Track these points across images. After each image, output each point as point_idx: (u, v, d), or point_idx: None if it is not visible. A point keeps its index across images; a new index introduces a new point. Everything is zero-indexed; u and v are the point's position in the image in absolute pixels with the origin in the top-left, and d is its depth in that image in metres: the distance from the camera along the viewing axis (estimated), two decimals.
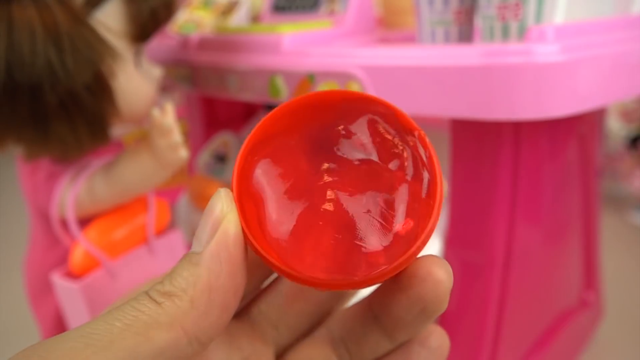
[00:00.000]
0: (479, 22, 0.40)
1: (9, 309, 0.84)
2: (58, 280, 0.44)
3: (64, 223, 0.45)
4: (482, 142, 0.41)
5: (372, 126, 0.16)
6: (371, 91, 0.38)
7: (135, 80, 0.43)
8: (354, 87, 0.39)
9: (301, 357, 0.17)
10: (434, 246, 0.49)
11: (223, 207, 0.15)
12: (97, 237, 0.45)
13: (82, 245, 0.44)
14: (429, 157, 0.16)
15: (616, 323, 0.66)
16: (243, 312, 0.18)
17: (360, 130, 0.16)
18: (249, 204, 0.15)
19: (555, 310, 0.55)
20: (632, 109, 1.06)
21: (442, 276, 0.15)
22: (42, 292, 0.48)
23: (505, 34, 0.37)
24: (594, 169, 0.55)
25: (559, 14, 0.35)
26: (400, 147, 0.16)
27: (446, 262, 0.15)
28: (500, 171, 0.40)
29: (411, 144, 0.16)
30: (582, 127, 0.50)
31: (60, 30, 0.36)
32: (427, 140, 0.16)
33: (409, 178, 0.16)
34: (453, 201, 0.44)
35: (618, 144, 1.09)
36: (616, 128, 1.09)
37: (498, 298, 0.44)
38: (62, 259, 0.46)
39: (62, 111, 0.39)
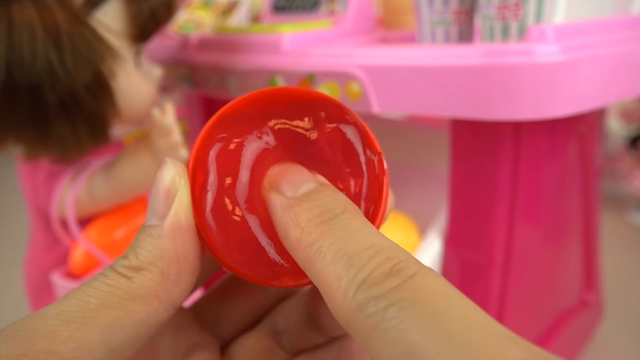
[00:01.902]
0: (479, 22, 0.40)
1: (9, 309, 0.84)
2: (58, 280, 0.44)
3: (64, 223, 0.45)
4: (482, 142, 0.41)
5: (340, 134, 0.16)
6: (371, 91, 0.38)
7: (135, 80, 0.43)
8: (354, 87, 0.39)
9: (245, 346, 0.18)
10: (434, 246, 0.49)
11: (175, 177, 0.15)
12: (97, 237, 0.45)
13: (82, 245, 0.44)
14: (382, 183, 0.16)
15: (616, 323, 0.66)
16: (191, 306, 0.19)
17: (326, 134, 0.16)
18: (196, 179, 0.16)
19: (555, 310, 0.55)
20: (632, 109, 1.06)
21: None
22: (42, 292, 0.48)
23: (505, 34, 0.37)
24: (594, 169, 0.55)
25: (559, 14, 0.35)
26: (362, 164, 0.16)
27: None
28: (500, 171, 0.40)
29: (371, 163, 0.16)
30: (582, 127, 0.50)
31: (60, 30, 0.36)
32: (385, 166, 0.16)
33: (355, 191, 0.16)
34: (453, 201, 0.44)
35: (618, 144, 1.09)
36: (616, 128, 1.09)
37: (498, 298, 0.44)
38: (62, 259, 0.46)
39: (62, 111, 0.39)
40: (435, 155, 0.64)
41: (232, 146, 0.16)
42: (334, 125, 0.16)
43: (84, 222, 0.45)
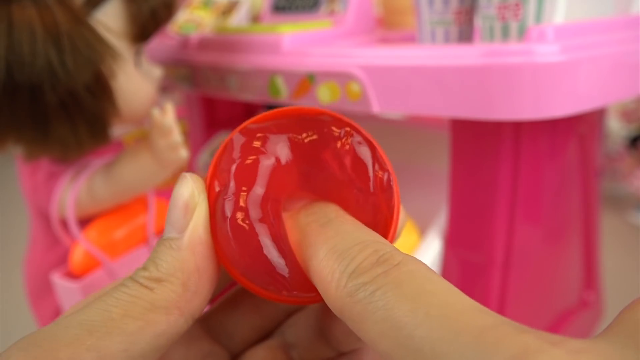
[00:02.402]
0: (479, 22, 0.40)
1: (9, 309, 0.84)
2: (58, 280, 0.44)
3: (64, 223, 0.45)
4: (482, 142, 0.41)
5: (351, 151, 0.17)
6: (371, 91, 0.38)
7: (135, 80, 0.43)
8: (354, 87, 0.39)
9: (255, 359, 0.18)
10: (434, 246, 0.49)
11: (194, 191, 0.16)
12: (97, 237, 0.45)
13: (82, 245, 0.44)
14: (395, 203, 0.16)
15: None
16: (202, 317, 0.19)
17: (338, 152, 0.17)
18: (212, 193, 0.16)
19: (555, 310, 0.55)
20: (632, 109, 1.06)
21: None
22: (42, 292, 0.48)
23: (505, 34, 0.37)
24: (594, 169, 0.55)
25: (559, 14, 0.35)
26: (371, 180, 0.17)
27: None
28: (500, 171, 0.40)
29: (378, 179, 0.17)
30: (582, 127, 0.50)
31: (60, 30, 0.36)
32: (395, 182, 0.17)
33: (364, 207, 0.16)
34: (453, 201, 0.44)
35: (618, 144, 1.09)
36: (616, 128, 1.09)
37: (498, 298, 0.44)
38: (62, 259, 0.46)
39: (62, 111, 0.39)
40: (435, 155, 0.64)
41: (248, 162, 0.16)
42: (346, 143, 0.17)
43: (84, 222, 0.45)
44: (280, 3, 0.56)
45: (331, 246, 0.14)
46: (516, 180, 0.41)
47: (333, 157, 0.17)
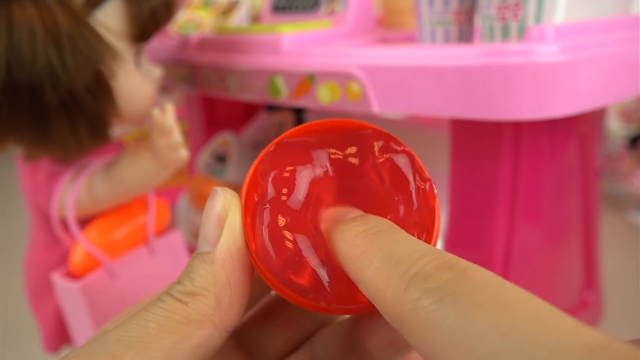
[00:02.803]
0: (479, 22, 0.40)
1: (9, 309, 0.84)
2: (58, 280, 0.44)
3: (64, 223, 0.45)
4: (482, 142, 0.41)
5: (390, 163, 0.17)
6: (371, 91, 0.38)
7: (135, 81, 0.43)
8: (354, 87, 0.39)
9: None
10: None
11: (225, 204, 0.16)
12: (97, 237, 0.45)
13: (82, 245, 0.44)
14: (433, 209, 0.16)
15: (616, 323, 0.66)
16: (233, 333, 0.19)
17: (377, 164, 0.17)
18: (249, 204, 0.16)
19: None
20: (632, 109, 1.07)
21: None
22: (42, 292, 0.48)
23: (505, 34, 0.37)
24: (594, 169, 0.55)
25: (559, 14, 0.35)
26: (412, 191, 0.16)
27: None
28: (500, 171, 0.40)
29: (421, 191, 0.16)
30: (582, 127, 0.50)
31: (60, 30, 0.36)
32: (436, 192, 0.17)
33: (405, 219, 0.16)
34: (453, 201, 0.44)
35: (618, 144, 1.09)
36: (616, 128, 1.09)
37: None
38: (62, 259, 0.46)
39: (62, 111, 0.39)
40: (435, 155, 0.64)
41: (286, 173, 0.16)
42: (385, 155, 0.17)
43: (84, 222, 0.45)
44: (280, 3, 0.56)
45: (386, 253, 0.13)
46: (516, 180, 0.41)
47: (372, 170, 0.17)
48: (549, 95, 0.32)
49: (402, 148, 0.17)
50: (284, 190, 0.16)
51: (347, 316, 0.19)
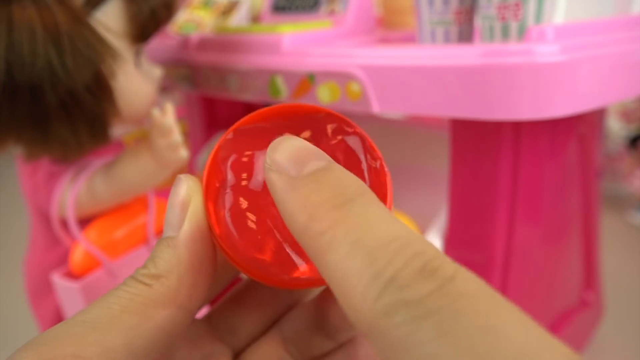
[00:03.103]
0: (479, 22, 0.40)
1: (9, 309, 0.84)
2: (58, 280, 0.44)
3: (64, 223, 0.45)
4: (482, 142, 0.41)
5: (344, 145, 0.17)
6: (371, 91, 0.38)
7: (135, 81, 0.43)
8: (354, 87, 0.39)
9: (256, 355, 0.18)
10: None
11: (187, 190, 0.16)
12: (97, 237, 0.45)
13: (82, 245, 0.44)
14: (385, 184, 0.17)
15: (616, 323, 0.66)
16: (205, 316, 0.19)
17: (331, 146, 0.17)
18: (210, 190, 0.17)
19: (555, 310, 0.55)
20: (632, 109, 1.07)
21: None
22: (42, 292, 0.48)
23: (505, 34, 0.37)
24: (594, 169, 0.55)
25: (559, 14, 0.35)
26: (364, 170, 0.17)
27: None
28: (500, 171, 0.40)
29: (372, 169, 0.17)
30: (582, 127, 0.50)
31: (60, 30, 0.36)
32: (387, 170, 0.17)
33: None
34: (453, 201, 0.44)
35: (618, 144, 1.09)
36: (616, 128, 1.09)
37: None
38: (62, 259, 0.46)
39: (62, 111, 0.39)
40: (435, 155, 0.64)
41: (244, 158, 0.17)
42: (338, 137, 0.17)
43: (84, 222, 0.45)
44: (280, 3, 0.56)
45: (357, 238, 0.11)
46: (516, 180, 0.41)
47: (326, 151, 0.16)
48: (549, 95, 0.32)
49: (353, 130, 0.17)
50: (244, 175, 0.17)
51: (315, 293, 0.19)
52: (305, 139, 0.17)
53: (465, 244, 0.44)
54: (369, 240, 0.11)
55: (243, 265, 0.16)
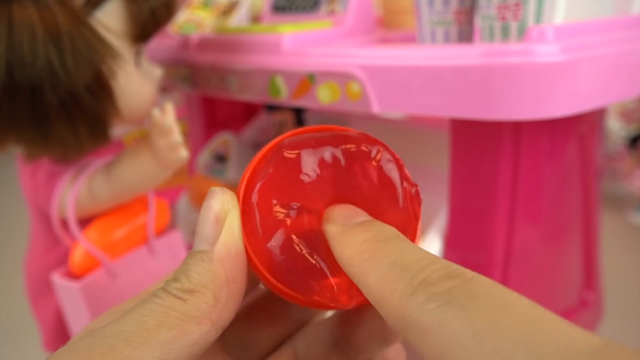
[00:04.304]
0: (479, 22, 0.40)
1: (9, 309, 0.84)
2: (58, 280, 0.44)
3: (64, 223, 0.45)
4: (482, 142, 0.41)
5: (379, 169, 0.18)
6: (371, 91, 0.38)
7: (135, 81, 0.43)
8: (354, 87, 0.39)
9: None
10: (434, 246, 0.49)
11: (224, 204, 0.16)
12: (97, 237, 0.45)
13: (82, 245, 0.44)
14: (417, 213, 0.17)
15: (616, 323, 0.66)
16: None
17: (367, 169, 0.17)
18: (246, 208, 0.17)
19: (555, 311, 0.55)
20: (632, 109, 1.07)
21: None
22: (42, 292, 0.48)
23: (505, 34, 0.37)
24: (594, 169, 0.55)
25: (559, 14, 0.35)
26: (401, 196, 0.17)
27: None
28: (500, 171, 0.40)
29: (408, 194, 0.18)
30: (582, 127, 0.50)
31: (60, 30, 0.36)
32: (421, 198, 0.18)
33: (391, 221, 0.17)
34: (453, 201, 0.44)
35: (618, 144, 1.09)
36: (616, 128, 1.09)
37: None
38: (62, 259, 0.46)
39: (62, 111, 0.39)
40: (435, 155, 0.64)
41: (284, 173, 0.17)
42: (375, 161, 0.18)
43: (84, 222, 0.45)
44: (280, 3, 0.56)
45: (393, 260, 0.14)
46: (516, 180, 0.41)
47: (363, 173, 0.17)
48: (548, 95, 0.32)
49: (391, 155, 0.18)
50: (282, 192, 0.17)
51: (330, 313, 0.19)
52: (344, 158, 0.17)
53: (465, 244, 0.44)
54: (403, 260, 0.14)
55: (275, 284, 0.16)
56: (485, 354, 0.11)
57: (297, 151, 0.17)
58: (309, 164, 0.17)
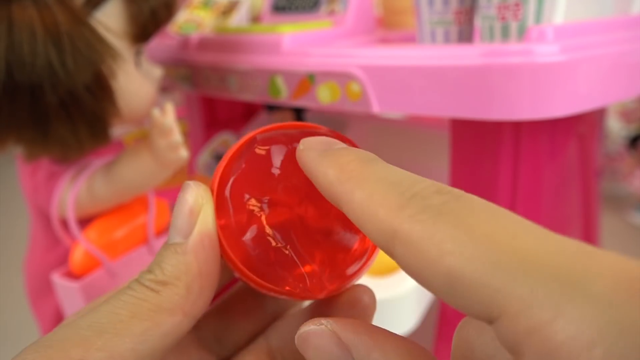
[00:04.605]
0: (479, 22, 0.40)
1: (9, 309, 0.84)
2: (58, 280, 0.44)
3: (64, 223, 0.45)
4: (482, 142, 0.41)
5: None
6: (371, 91, 0.38)
7: (135, 81, 0.44)
8: (354, 87, 0.39)
9: None
10: None
11: (197, 198, 0.16)
12: (97, 237, 0.45)
13: (82, 245, 0.44)
14: None
15: None
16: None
17: None
18: (219, 201, 0.17)
19: None
20: (632, 109, 1.07)
21: (369, 302, 0.18)
22: (42, 292, 0.48)
23: (505, 34, 0.37)
24: (594, 169, 0.55)
25: (559, 14, 0.35)
26: None
27: (371, 290, 0.18)
28: (500, 171, 0.40)
29: None
30: (582, 127, 0.50)
31: (60, 30, 0.36)
32: None
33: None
34: None
35: (618, 144, 1.09)
36: (616, 128, 1.09)
37: None
38: (62, 259, 0.46)
39: (62, 111, 0.39)
40: (435, 155, 0.64)
41: (255, 167, 0.17)
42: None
43: (84, 222, 0.45)
44: (280, 3, 0.56)
45: (381, 177, 0.13)
46: (516, 180, 0.41)
47: None
48: (548, 95, 0.32)
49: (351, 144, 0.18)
50: (254, 185, 0.17)
51: (305, 305, 0.19)
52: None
53: None
54: (391, 178, 0.13)
55: (249, 276, 0.16)
56: (484, 263, 0.10)
57: (268, 147, 0.17)
58: (280, 159, 0.17)
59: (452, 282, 0.11)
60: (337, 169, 0.14)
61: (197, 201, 0.16)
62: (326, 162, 0.15)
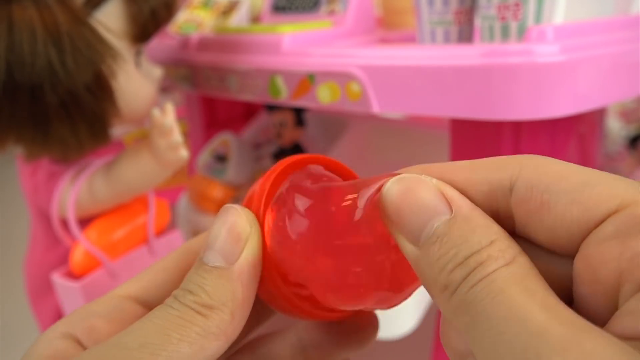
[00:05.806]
0: (479, 22, 0.40)
1: (9, 309, 0.84)
2: (58, 280, 0.44)
3: (65, 223, 0.45)
4: (482, 142, 0.41)
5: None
6: (371, 91, 0.38)
7: (135, 81, 0.44)
8: (354, 87, 0.39)
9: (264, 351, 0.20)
10: None
11: (246, 226, 0.16)
12: (97, 237, 0.45)
13: (83, 245, 0.44)
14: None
15: None
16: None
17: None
18: (263, 229, 0.17)
19: None
20: (632, 109, 1.07)
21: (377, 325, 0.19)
22: (42, 292, 0.48)
23: (505, 34, 0.37)
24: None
25: (559, 14, 0.35)
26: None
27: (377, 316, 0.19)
28: None
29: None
30: (582, 127, 0.50)
31: (60, 30, 0.36)
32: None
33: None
34: None
35: (618, 144, 1.09)
36: (616, 128, 1.09)
37: None
38: (62, 259, 0.46)
39: (62, 111, 0.39)
40: (435, 155, 0.64)
41: (303, 200, 0.17)
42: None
43: (84, 222, 0.45)
44: (280, 3, 0.56)
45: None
46: None
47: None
48: (548, 95, 0.32)
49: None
50: (300, 218, 0.16)
51: None
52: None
53: None
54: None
55: (290, 300, 0.17)
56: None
57: (311, 182, 0.17)
58: (319, 196, 0.17)
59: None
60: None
61: (244, 228, 0.16)
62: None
